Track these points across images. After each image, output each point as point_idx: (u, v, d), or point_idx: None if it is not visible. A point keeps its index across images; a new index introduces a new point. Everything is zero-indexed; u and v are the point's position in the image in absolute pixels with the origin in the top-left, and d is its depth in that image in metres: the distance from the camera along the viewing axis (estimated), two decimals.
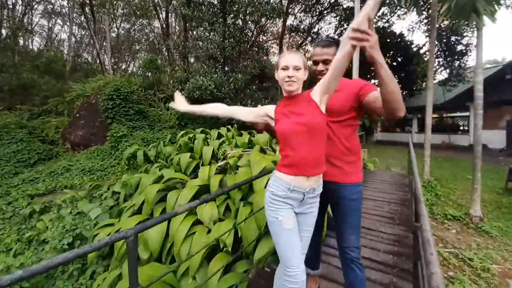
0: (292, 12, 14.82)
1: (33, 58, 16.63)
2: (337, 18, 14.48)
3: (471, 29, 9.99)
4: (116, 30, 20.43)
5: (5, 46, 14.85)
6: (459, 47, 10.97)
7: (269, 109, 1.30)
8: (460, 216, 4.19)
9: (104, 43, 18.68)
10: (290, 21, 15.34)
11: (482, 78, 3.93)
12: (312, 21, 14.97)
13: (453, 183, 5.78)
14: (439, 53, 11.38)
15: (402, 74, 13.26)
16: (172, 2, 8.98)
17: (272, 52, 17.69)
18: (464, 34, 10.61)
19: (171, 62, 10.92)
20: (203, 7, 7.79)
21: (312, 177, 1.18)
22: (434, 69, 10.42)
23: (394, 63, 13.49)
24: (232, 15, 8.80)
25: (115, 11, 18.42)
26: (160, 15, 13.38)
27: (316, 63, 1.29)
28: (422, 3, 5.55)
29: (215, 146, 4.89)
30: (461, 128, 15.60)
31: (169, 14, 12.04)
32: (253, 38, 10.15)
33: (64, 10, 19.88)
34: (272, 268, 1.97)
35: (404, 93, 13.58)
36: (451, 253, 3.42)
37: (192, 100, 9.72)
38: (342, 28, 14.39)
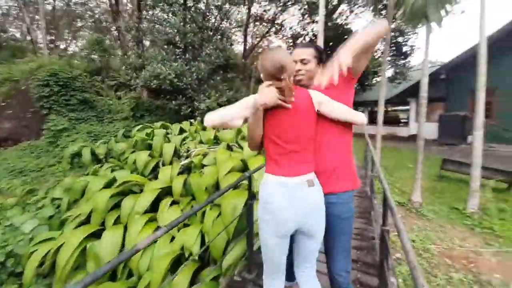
0: (256, 0, 14.45)
1: None
2: (300, 11, 14.64)
3: (415, 33, 11.21)
4: (52, 1, 17.19)
5: None
6: (405, 48, 12.24)
7: None
8: (404, 202, 4.75)
9: (37, 17, 15.63)
10: (254, 9, 14.98)
11: (427, 79, 4.39)
12: (277, 11, 14.85)
13: (398, 172, 6.54)
14: (388, 52, 12.51)
15: None
16: None
17: (236, 41, 17.19)
18: (409, 37, 11.86)
19: (122, 45, 9.70)
20: None
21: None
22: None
23: None
24: None
25: None
26: None
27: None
28: (380, 3, 5.92)
29: (177, 142, 4.55)
30: (402, 120, 17.77)
31: None
32: (216, 24, 9.60)
33: None
34: (244, 278, 1.89)
35: (358, 87, 14.68)
36: (397, 236, 3.85)
37: (149, 90, 8.88)
38: (304, 21, 14.64)
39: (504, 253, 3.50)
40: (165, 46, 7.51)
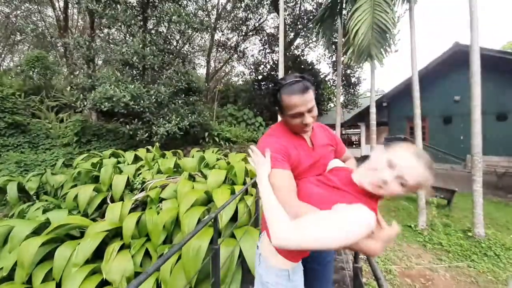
0: (219, 28, 15.02)
1: None
2: (261, 41, 15.67)
3: (360, 67, 12.92)
4: None
5: None
6: (353, 79, 13.90)
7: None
8: None
9: None
10: (217, 36, 15.50)
11: (374, 109, 4.91)
12: (239, 39, 15.61)
13: None
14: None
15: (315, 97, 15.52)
16: None
17: (199, 65, 17.29)
18: (356, 70, 13.59)
19: (69, 63, 8.79)
20: (118, 6, 6.68)
21: None
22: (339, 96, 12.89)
23: None
24: (154, 21, 7.97)
25: None
26: (56, 3, 10.76)
27: (300, 114, 0.98)
28: (332, 44, 6.69)
29: (131, 173, 4.06)
30: (354, 142, 19.58)
31: (69, 5, 9.77)
32: (177, 48, 9.51)
33: None
34: None
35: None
36: (362, 259, 3.92)
37: (100, 112, 8.05)
38: (265, 51, 15.62)
39: (455, 267, 3.82)
40: (121, 67, 7.03)
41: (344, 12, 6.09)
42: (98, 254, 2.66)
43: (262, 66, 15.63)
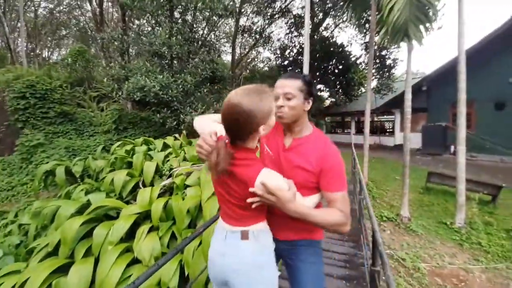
0: (244, 13, 14.67)
1: None
2: (287, 24, 14.97)
3: (398, 47, 11.68)
4: (34, 9, 16.68)
5: None
6: (388, 61, 12.69)
7: None
8: (392, 217, 4.71)
9: (18, 24, 15.07)
10: (242, 21, 15.18)
11: (410, 94, 4.47)
12: (264, 23, 15.11)
13: (385, 184, 6.56)
14: (373, 65, 12.93)
15: (343, 82, 14.60)
16: None
17: (225, 52, 17.29)
18: (392, 50, 12.34)
19: (106, 55, 9.44)
20: None
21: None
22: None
23: (336, 70, 14.76)
24: (180, 10, 8.07)
25: None
26: None
27: (276, 97, 1.05)
28: (363, 22, 6.10)
29: (160, 160, 4.32)
30: (388, 130, 18.24)
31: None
32: (203, 37, 9.57)
33: None
34: None
35: (344, 98, 14.99)
36: (387, 255, 3.76)
37: (134, 102, 8.61)
38: (292, 34, 14.94)
39: (492, 269, 3.48)
40: (151, 58, 7.35)
41: None
42: (130, 234, 2.95)
43: (288, 50, 15.06)
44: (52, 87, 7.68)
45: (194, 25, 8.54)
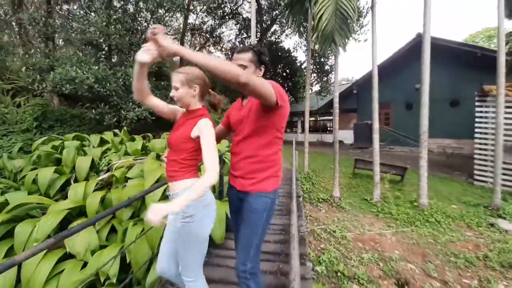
0: (194, 11, 14.42)
1: None
2: (237, 26, 15.36)
3: (332, 54, 13.29)
4: None
5: None
6: (326, 67, 14.31)
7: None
8: (327, 198, 5.43)
9: None
10: (192, 19, 14.89)
11: (337, 93, 5.24)
12: (215, 24, 15.15)
13: (323, 173, 7.45)
14: (313, 70, 14.37)
15: (290, 84, 15.78)
16: None
17: None
18: (330, 57, 13.98)
19: (25, 42, 8.03)
20: None
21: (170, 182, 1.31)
22: (311, 83, 13.29)
23: (284, 74, 15.85)
24: None
25: None
26: None
27: None
28: (302, 29, 6.81)
29: (96, 155, 4.00)
30: (329, 128, 20.43)
31: None
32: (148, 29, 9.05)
33: None
34: None
35: (291, 99, 16.19)
36: (322, 229, 4.34)
37: (63, 96, 7.57)
38: (242, 36, 15.38)
39: (400, 232, 4.37)
40: (83, 47, 6.61)
41: None
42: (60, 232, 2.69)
43: None
44: None
45: (137, 16, 8.04)
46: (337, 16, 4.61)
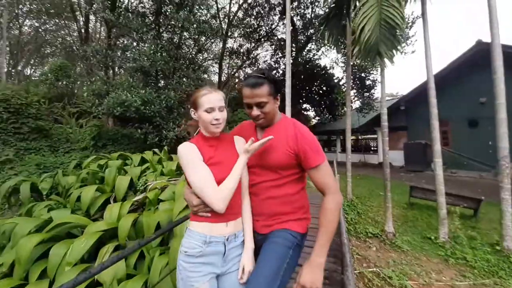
0: (231, 36, 15.30)
1: None
2: (273, 46, 15.73)
3: (376, 68, 12.44)
4: (18, 27, 16.56)
5: None
6: (368, 82, 13.41)
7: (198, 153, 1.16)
8: (378, 233, 4.60)
9: (1, 42, 14.82)
10: (230, 43, 15.79)
11: (385, 109, 4.61)
12: (251, 46, 15.77)
13: (370, 200, 6.52)
14: (353, 86, 13.62)
15: (327, 102, 15.17)
16: (93, 4, 7.84)
17: (213, 72, 17.67)
18: (371, 72, 13.12)
19: (88, 72, 9.34)
20: (130, 14, 7.01)
21: (232, 221, 1.08)
22: (351, 99, 12.51)
23: (320, 91, 15.40)
24: (166, 28, 8.25)
25: (19, 7, 14.99)
26: (79, 18, 11.57)
27: (249, 106, 1.12)
28: (340, 44, 6.45)
29: (136, 174, 4.09)
30: (372, 148, 18.75)
31: (90, 17, 10.48)
32: (191, 55, 9.75)
33: None
34: None
35: (329, 117, 15.47)
36: (374, 273, 3.59)
37: (116, 118, 8.38)
38: (277, 56, 15.62)
39: (480, 285, 3.38)
40: (134, 73, 7.32)
41: (351, 9, 5.91)
42: (95, 254, 2.65)
43: (274, 71, 15.62)
44: (27, 102, 7.36)
45: (181, 44, 8.72)
46: (382, 26, 4.16)
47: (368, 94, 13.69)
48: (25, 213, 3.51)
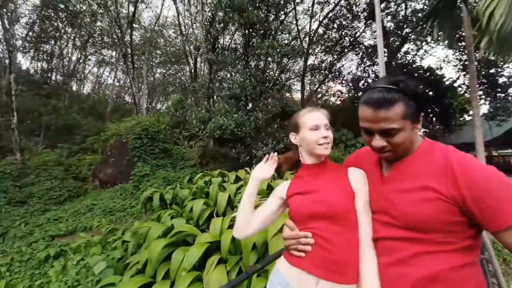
0: (312, 53, 15.31)
1: (81, 101, 19.01)
2: (359, 55, 14.56)
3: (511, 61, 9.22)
4: (153, 74, 22.99)
5: (58, 90, 17.22)
6: (502, 80, 10.04)
7: (281, 190, 1.06)
8: None
9: (142, 87, 20.82)
10: (311, 60, 15.81)
11: None
12: (333, 60, 15.21)
13: None
14: (478, 86, 10.52)
15: (436, 109, 12.33)
16: (200, 49, 9.83)
17: (294, 90, 18.09)
18: (505, 66, 9.80)
19: (196, 102, 11.56)
20: (226, 52, 8.29)
21: (325, 282, 0.78)
22: (478, 104, 9.61)
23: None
24: (253, 58, 9.22)
25: (153, 60, 20.91)
26: (190, 61, 14.74)
27: (368, 132, 0.78)
28: (455, 37, 5.19)
29: (232, 191, 4.53)
30: None
31: (197, 60, 13.26)
32: (274, 77, 10.40)
33: (112, 59, 23.02)
34: None
35: (440, 128, 12.45)
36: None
37: (215, 139, 9.84)
38: (365, 65, 14.33)
39: None
40: (229, 100, 8.46)
41: None
42: (204, 262, 3.05)
43: (363, 81, 14.31)
44: (158, 129, 9.79)
45: (266, 68, 9.47)
46: None
47: (503, 95, 10.22)
48: (156, 218, 4.52)
